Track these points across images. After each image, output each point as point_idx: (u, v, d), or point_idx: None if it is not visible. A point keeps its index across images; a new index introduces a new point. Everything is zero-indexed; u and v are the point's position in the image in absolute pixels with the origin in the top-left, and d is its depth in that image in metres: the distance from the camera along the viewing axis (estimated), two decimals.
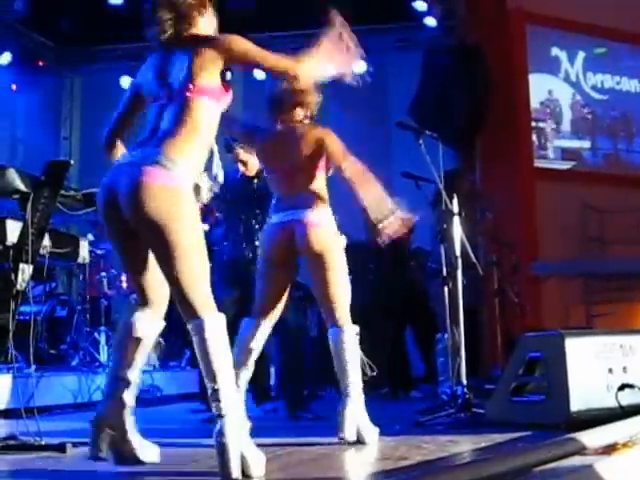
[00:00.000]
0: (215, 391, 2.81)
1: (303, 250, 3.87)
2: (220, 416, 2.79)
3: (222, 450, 2.75)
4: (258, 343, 3.98)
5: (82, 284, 7.60)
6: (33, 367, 5.01)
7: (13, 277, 3.49)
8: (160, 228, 2.80)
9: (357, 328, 4.01)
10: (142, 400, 6.49)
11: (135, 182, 2.82)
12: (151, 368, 7.44)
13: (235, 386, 2.92)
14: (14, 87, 9.93)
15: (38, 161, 4.72)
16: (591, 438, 2.94)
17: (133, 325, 3.04)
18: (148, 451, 3.06)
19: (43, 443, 3.53)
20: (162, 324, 3.13)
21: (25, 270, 3.51)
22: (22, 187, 3.50)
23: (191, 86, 2.93)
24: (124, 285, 7.77)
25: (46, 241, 3.70)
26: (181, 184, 2.85)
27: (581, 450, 2.86)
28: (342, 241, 3.99)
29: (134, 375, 3.04)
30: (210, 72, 2.97)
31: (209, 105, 2.97)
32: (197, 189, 2.93)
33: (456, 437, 3.87)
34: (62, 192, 3.66)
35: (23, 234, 3.50)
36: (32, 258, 3.50)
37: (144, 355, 3.08)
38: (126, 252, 3.04)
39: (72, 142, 11.08)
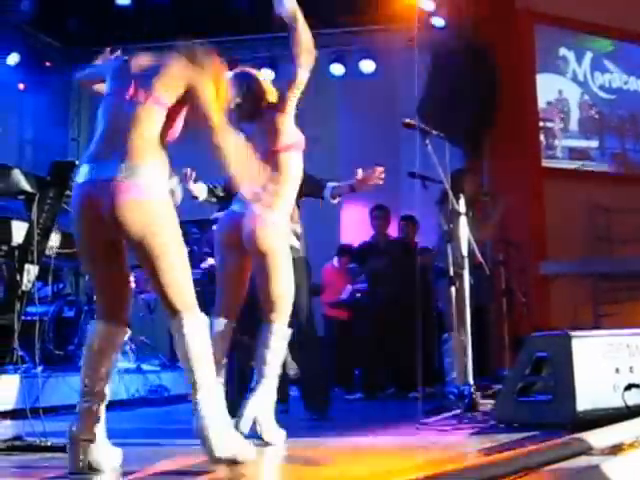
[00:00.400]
0: (194, 384, 2.91)
1: (249, 246, 3.91)
2: (198, 406, 2.90)
3: (204, 434, 2.86)
4: (227, 341, 4.02)
5: (89, 284, 7.60)
6: (40, 368, 5.01)
7: (18, 278, 3.49)
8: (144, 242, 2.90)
9: (289, 331, 4.03)
10: (150, 400, 6.56)
11: (113, 200, 2.88)
12: (159, 369, 7.47)
13: (215, 380, 3.01)
14: (22, 86, 9.96)
15: (46, 162, 4.74)
16: (597, 438, 2.92)
17: (103, 339, 3.08)
18: (112, 457, 3.14)
19: (49, 444, 3.53)
20: (128, 332, 3.18)
21: (30, 270, 3.51)
22: (27, 188, 3.50)
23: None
24: (132, 285, 7.76)
25: (52, 242, 3.70)
26: (156, 194, 2.92)
27: (587, 450, 2.85)
28: (287, 242, 4.04)
29: (106, 388, 3.09)
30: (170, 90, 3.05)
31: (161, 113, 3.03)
32: (171, 193, 2.98)
33: (462, 437, 3.87)
34: (67, 192, 3.65)
35: (29, 234, 3.50)
36: (37, 258, 3.50)
37: (114, 366, 3.15)
38: (102, 268, 3.08)
39: (80, 143, 11.10)
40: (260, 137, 4.01)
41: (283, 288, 3.95)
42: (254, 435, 3.76)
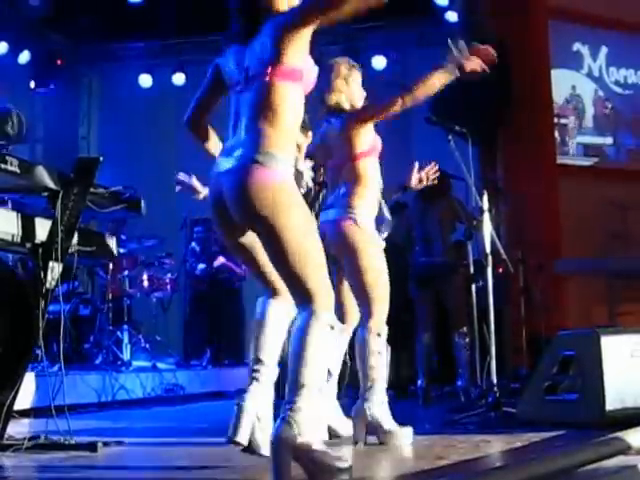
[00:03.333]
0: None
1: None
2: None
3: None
4: None
5: (104, 283, 7.57)
6: (56, 366, 4.96)
7: (42, 275, 3.45)
8: (268, 227, 2.74)
9: None
10: (165, 399, 6.53)
11: (237, 189, 2.78)
12: (174, 367, 7.45)
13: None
14: (32, 84, 9.92)
15: (57, 160, 4.70)
16: (636, 437, 2.87)
17: (267, 312, 2.99)
18: None
19: (73, 442, 3.50)
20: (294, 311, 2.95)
21: (55, 268, 3.47)
22: (51, 184, 3.45)
23: (269, 69, 2.82)
24: (145, 284, 7.76)
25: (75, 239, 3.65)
26: (280, 179, 2.78)
27: (626, 450, 2.80)
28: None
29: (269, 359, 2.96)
30: (296, 50, 2.83)
31: (289, 88, 2.84)
32: (298, 175, 2.89)
33: (489, 436, 3.83)
34: (92, 190, 3.61)
35: (52, 232, 3.46)
36: (62, 256, 3.46)
37: (278, 341, 3.00)
38: (241, 251, 3.00)
39: (90, 141, 11.08)
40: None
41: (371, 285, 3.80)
42: None
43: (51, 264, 3.44)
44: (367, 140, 3.90)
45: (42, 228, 3.50)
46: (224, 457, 3.21)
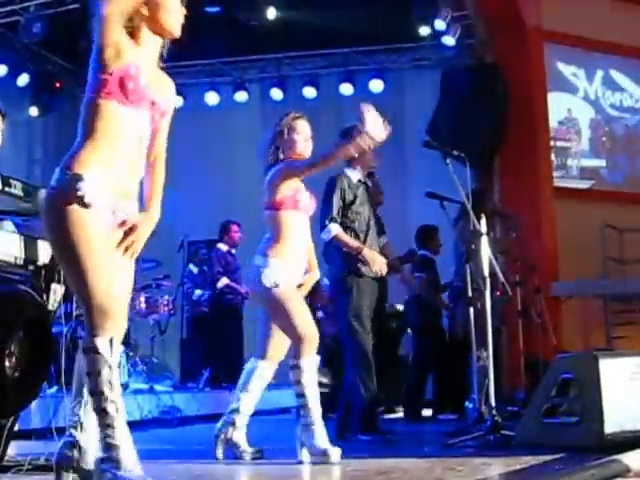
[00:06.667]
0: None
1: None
2: None
3: None
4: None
5: None
6: (54, 387, 4.96)
7: (45, 297, 3.47)
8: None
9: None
10: (162, 421, 6.50)
11: None
12: (171, 389, 7.42)
13: None
14: (35, 112, 9.94)
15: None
16: (634, 459, 2.89)
17: None
18: None
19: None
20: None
21: (57, 290, 3.48)
22: None
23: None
24: (142, 306, 7.75)
25: None
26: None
27: (625, 472, 2.81)
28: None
29: None
30: None
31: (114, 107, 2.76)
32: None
33: (488, 459, 3.82)
34: None
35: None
36: (64, 278, 3.47)
37: None
38: None
39: None
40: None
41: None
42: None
43: (53, 286, 3.47)
44: (288, 192, 4.01)
45: (45, 250, 3.51)
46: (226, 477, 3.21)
